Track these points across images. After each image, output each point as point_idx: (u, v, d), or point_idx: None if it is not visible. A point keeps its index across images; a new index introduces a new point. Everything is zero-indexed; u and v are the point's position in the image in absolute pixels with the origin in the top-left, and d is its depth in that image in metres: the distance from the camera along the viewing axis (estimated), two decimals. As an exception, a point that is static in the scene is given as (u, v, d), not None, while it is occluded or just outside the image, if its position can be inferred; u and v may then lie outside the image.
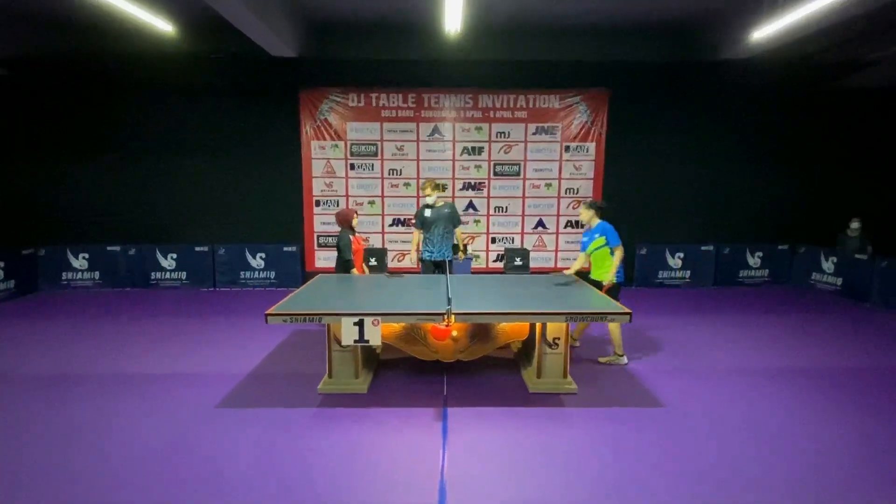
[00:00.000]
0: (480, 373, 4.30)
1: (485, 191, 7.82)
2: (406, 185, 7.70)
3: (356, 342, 3.47)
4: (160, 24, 5.53)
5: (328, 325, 3.84)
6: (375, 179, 7.74)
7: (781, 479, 2.83)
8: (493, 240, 7.97)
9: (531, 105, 7.58)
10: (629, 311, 3.61)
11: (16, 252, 7.04)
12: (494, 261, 7.97)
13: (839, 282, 7.38)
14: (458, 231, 5.59)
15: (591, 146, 7.69)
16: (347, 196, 7.78)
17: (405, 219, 7.74)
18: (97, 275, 7.57)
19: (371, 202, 7.80)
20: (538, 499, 2.66)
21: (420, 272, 5.60)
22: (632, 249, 7.84)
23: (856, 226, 7.34)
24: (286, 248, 7.72)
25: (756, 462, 3.00)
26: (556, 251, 7.94)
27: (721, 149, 7.90)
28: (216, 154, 7.66)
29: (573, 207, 7.81)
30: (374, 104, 7.54)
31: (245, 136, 7.63)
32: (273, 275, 7.75)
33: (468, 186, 7.81)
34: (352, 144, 7.64)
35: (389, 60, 7.07)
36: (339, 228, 5.24)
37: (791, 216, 8.12)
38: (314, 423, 3.44)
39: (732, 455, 3.08)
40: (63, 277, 7.49)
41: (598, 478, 2.84)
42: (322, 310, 3.62)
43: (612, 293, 4.39)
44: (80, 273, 7.54)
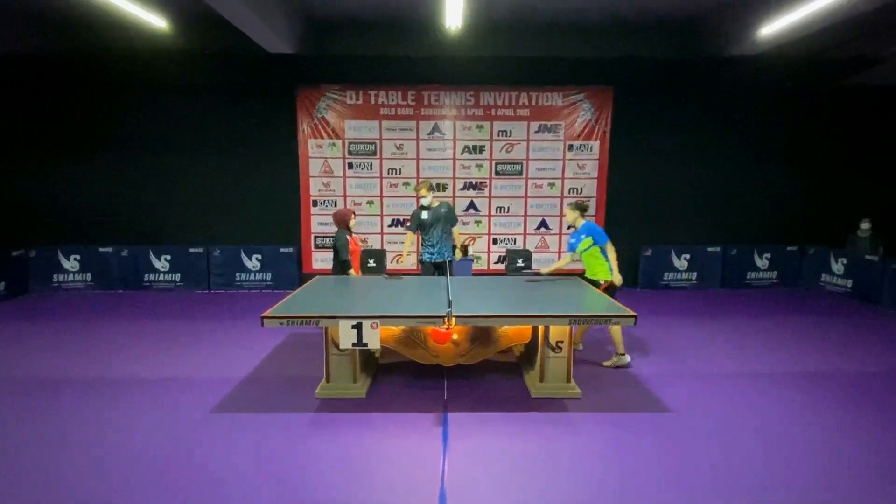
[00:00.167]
0: (482, 377, 4.30)
1: (486, 190, 7.83)
2: (405, 185, 7.71)
3: (354, 346, 3.47)
4: (153, 21, 5.54)
5: (326, 329, 3.85)
6: (374, 179, 7.75)
7: (791, 487, 2.84)
8: (495, 241, 7.98)
9: (533, 103, 7.59)
10: (634, 314, 3.62)
11: (6, 253, 7.05)
12: (496, 262, 7.97)
13: (849, 284, 7.38)
14: (455, 230, 5.61)
15: (595, 145, 7.70)
16: (345, 196, 7.78)
17: (404, 219, 7.75)
18: (89, 276, 7.57)
19: (369, 202, 7.81)
20: (541, 506, 2.66)
21: (420, 274, 5.60)
22: (636, 250, 7.86)
23: (866, 226, 7.35)
24: (283, 250, 7.72)
25: (765, 470, 3.00)
26: (559, 252, 7.92)
27: (728, 147, 7.89)
28: (211, 153, 7.65)
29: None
30: (373, 102, 7.55)
31: (241, 135, 7.63)
32: (269, 276, 7.76)
33: (469, 186, 7.81)
34: (350, 143, 7.65)
35: (388, 57, 7.08)
36: (336, 229, 5.25)
37: (800, 216, 8.12)
38: (312, 429, 3.45)
39: (740, 463, 3.08)
40: (54, 279, 7.50)
41: (603, 485, 2.84)
42: (319, 312, 3.62)
43: (611, 291, 4.50)
44: (72, 275, 7.54)
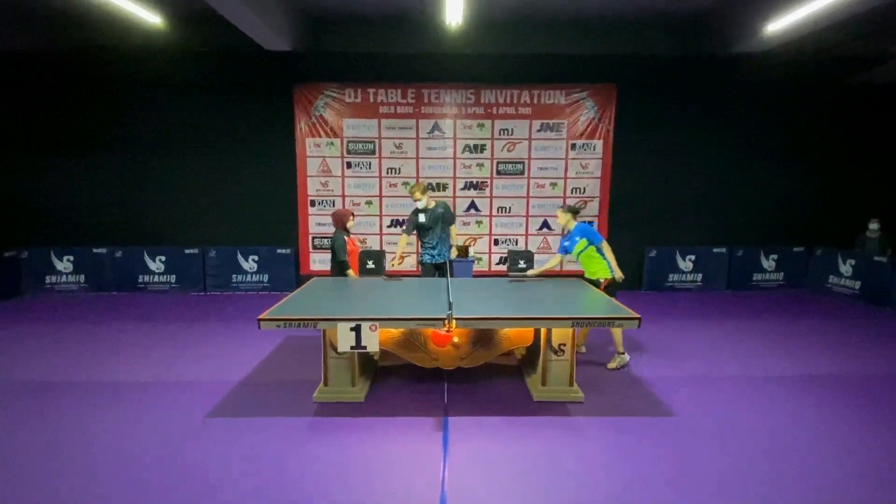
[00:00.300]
0: (483, 380, 4.30)
1: (487, 190, 7.83)
2: (405, 185, 7.70)
3: (353, 349, 3.47)
4: (147, 16, 5.54)
5: (324, 331, 3.85)
6: (373, 178, 7.75)
7: (798, 494, 2.83)
8: (496, 241, 7.97)
9: (535, 101, 7.59)
10: (638, 316, 3.62)
11: (-3, 254, 7.07)
12: (497, 263, 7.97)
13: (857, 285, 7.38)
14: (453, 228, 5.62)
15: (599, 144, 7.70)
16: (344, 196, 7.78)
17: (404, 220, 7.74)
18: (82, 278, 7.58)
19: (368, 202, 7.81)
20: (543, 512, 2.66)
21: (420, 275, 5.60)
22: (640, 251, 7.86)
23: (875, 226, 7.35)
24: (280, 251, 7.72)
25: (772, 476, 3.00)
26: (562, 253, 7.93)
27: (734, 146, 7.90)
28: (207, 152, 7.66)
29: (579, 208, 7.80)
30: (372, 100, 7.55)
31: (237, 134, 7.64)
32: (266, 278, 7.76)
33: (470, 186, 7.81)
34: (348, 142, 7.65)
35: (388, 54, 7.09)
36: (335, 229, 5.26)
37: (807, 217, 8.12)
38: (309, 434, 3.44)
39: (747, 468, 3.07)
40: (47, 281, 7.50)
41: (606, 491, 2.83)
42: (317, 315, 3.62)
43: (611, 290, 4.56)
44: (65, 276, 7.55)
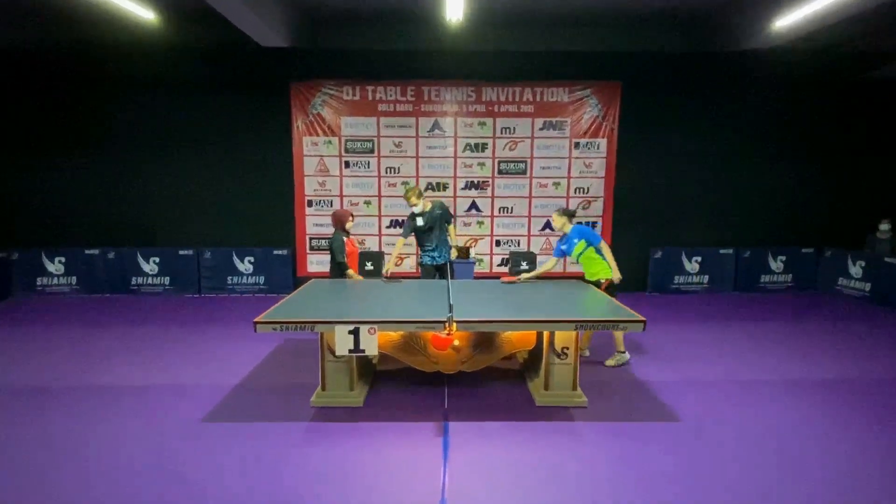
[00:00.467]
0: (484, 385, 4.30)
1: (488, 190, 7.83)
2: (404, 184, 7.71)
3: (351, 352, 3.47)
4: (140, 12, 5.55)
5: (321, 334, 3.85)
6: (372, 178, 7.76)
7: (806, 500, 2.83)
8: (498, 242, 7.98)
9: (538, 98, 7.60)
10: (643, 319, 3.62)
11: (-12, 255, 7.08)
12: (499, 265, 7.97)
13: (867, 287, 7.38)
14: (452, 228, 5.63)
15: (603, 142, 7.71)
16: (342, 196, 7.79)
17: (403, 220, 7.74)
18: (74, 280, 7.58)
19: (367, 202, 7.82)
20: (546, 520, 2.66)
21: (420, 276, 5.61)
22: (646, 253, 7.86)
23: (886, 227, 7.35)
24: (276, 252, 7.73)
25: (780, 482, 3.00)
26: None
27: (741, 145, 7.90)
28: (201, 151, 7.67)
29: (583, 208, 7.82)
30: (371, 97, 7.56)
31: (233, 132, 7.64)
32: (262, 280, 7.77)
33: (471, 185, 7.82)
34: (346, 140, 7.67)
35: (387, 51, 7.11)
36: (334, 230, 5.26)
37: (816, 217, 8.12)
38: (306, 439, 3.45)
39: (754, 474, 3.07)
40: (38, 283, 7.51)
41: (610, 498, 2.84)
42: (315, 317, 3.62)
43: (610, 291, 4.61)
44: (57, 278, 7.55)
